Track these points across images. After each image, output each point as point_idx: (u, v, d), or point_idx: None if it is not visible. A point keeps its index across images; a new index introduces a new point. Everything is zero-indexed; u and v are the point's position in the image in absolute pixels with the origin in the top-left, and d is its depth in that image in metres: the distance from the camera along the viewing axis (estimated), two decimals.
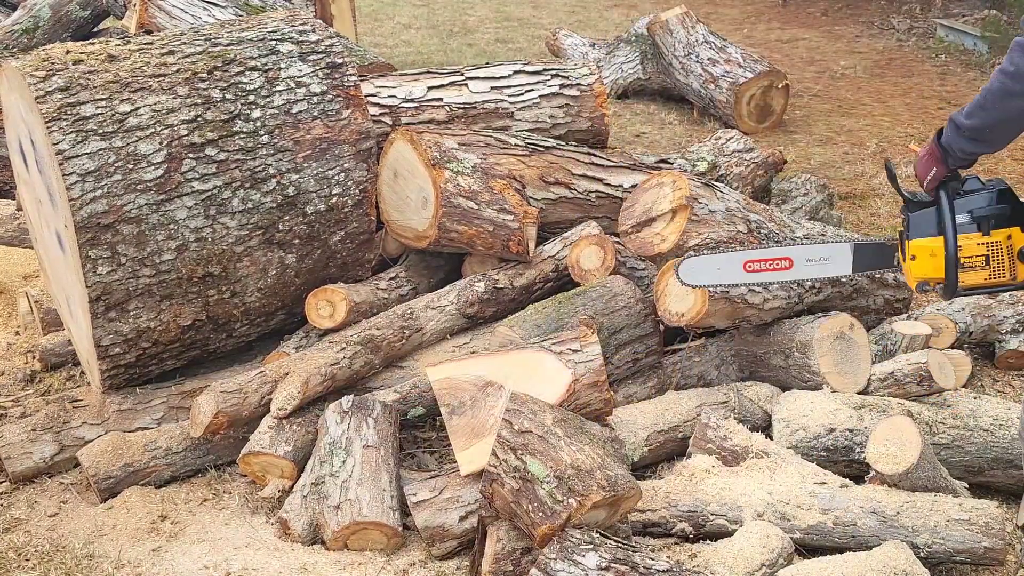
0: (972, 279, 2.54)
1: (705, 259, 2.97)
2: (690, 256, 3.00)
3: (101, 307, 2.92)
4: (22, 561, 2.66)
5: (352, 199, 3.33)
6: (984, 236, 2.50)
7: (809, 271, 2.90)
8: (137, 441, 2.99)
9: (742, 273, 2.93)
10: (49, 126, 2.82)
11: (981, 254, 2.51)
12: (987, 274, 2.53)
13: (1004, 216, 2.48)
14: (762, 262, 2.92)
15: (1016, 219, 2.48)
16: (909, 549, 2.49)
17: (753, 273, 2.93)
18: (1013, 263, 2.50)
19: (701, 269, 2.97)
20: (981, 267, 2.53)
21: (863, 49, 8.93)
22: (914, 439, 2.66)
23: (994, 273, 2.52)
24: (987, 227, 2.49)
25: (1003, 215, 2.48)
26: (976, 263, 2.53)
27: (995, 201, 2.49)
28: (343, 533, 2.65)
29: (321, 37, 3.37)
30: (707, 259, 2.96)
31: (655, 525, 2.71)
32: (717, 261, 2.95)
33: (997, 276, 2.52)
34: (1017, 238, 2.48)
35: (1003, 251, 2.50)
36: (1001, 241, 2.49)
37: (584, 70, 4.28)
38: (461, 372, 2.81)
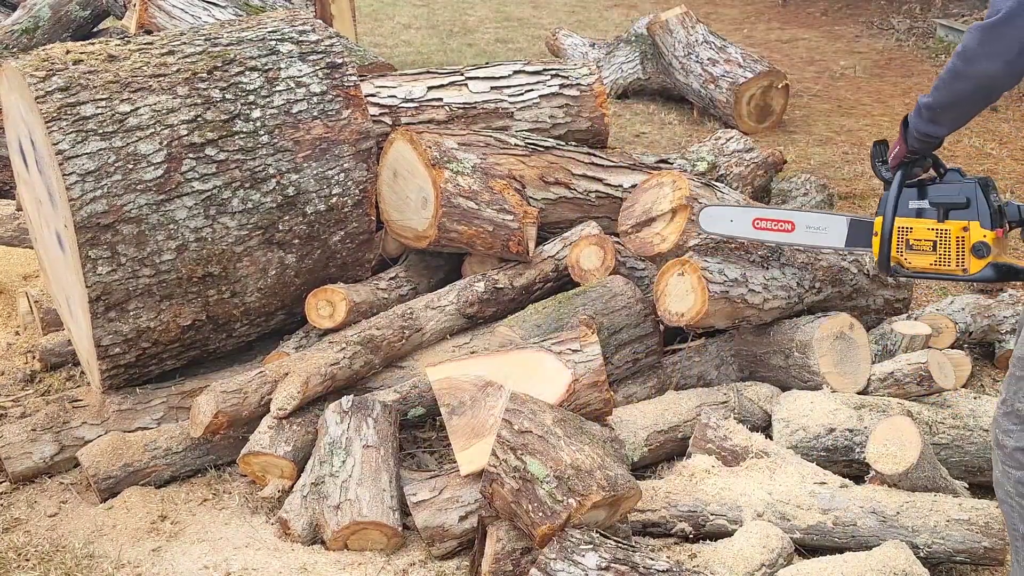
0: (918, 262, 2.57)
1: (722, 209, 3.08)
2: (710, 204, 3.11)
3: (101, 307, 2.92)
4: (22, 561, 2.66)
5: (352, 199, 3.33)
6: (937, 222, 2.52)
7: (807, 238, 2.96)
8: (137, 441, 2.99)
9: (751, 229, 3.02)
10: (49, 126, 2.82)
11: (930, 239, 2.53)
12: (933, 259, 2.55)
13: (962, 207, 2.48)
14: (769, 221, 3.01)
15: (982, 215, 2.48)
16: (909, 549, 2.50)
17: (760, 231, 3.02)
18: (964, 255, 2.51)
19: (717, 218, 3.10)
20: (928, 251, 2.55)
21: (863, 49, 8.93)
22: (914, 439, 2.66)
23: (940, 260, 2.54)
24: (941, 214, 2.51)
25: (962, 206, 2.48)
26: (924, 247, 2.55)
27: (959, 192, 2.50)
28: (343, 533, 2.65)
29: (321, 37, 3.37)
30: (724, 209, 3.07)
31: (655, 525, 2.71)
32: (731, 213, 3.06)
33: (943, 264, 2.53)
34: (975, 232, 2.48)
35: (953, 240, 2.51)
36: (953, 230, 2.50)
37: (584, 70, 4.28)
38: (461, 372, 2.81)
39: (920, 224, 2.55)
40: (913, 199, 2.57)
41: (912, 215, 2.57)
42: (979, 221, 2.48)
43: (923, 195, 2.55)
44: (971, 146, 6.22)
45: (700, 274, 3.08)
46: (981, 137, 6.33)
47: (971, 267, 2.51)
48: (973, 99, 2.17)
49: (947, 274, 2.57)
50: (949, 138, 6.57)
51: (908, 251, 2.59)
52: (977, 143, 6.25)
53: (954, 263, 2.53)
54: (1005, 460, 2.12)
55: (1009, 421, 2.10)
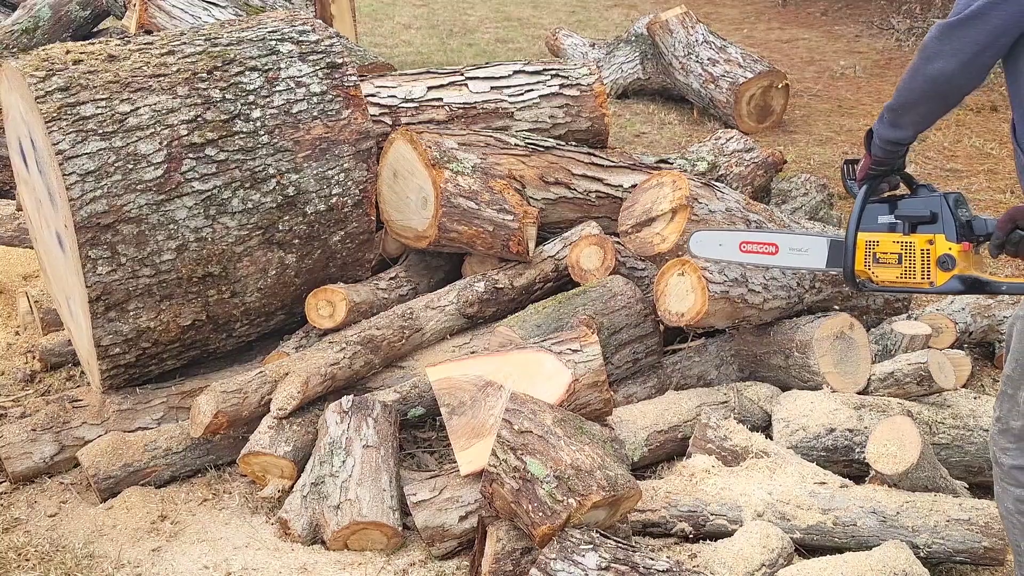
0: (884, 275, 2.58)
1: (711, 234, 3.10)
2: (700, 230, 3.14)
3: (101, 307, 2.92)
4: (22, 561, 2.66)
5: (352, 199, 3.33)
6: (903, 235, 2.53)
7: (791, 260, 2.98)
8: (137, 441, 2.99)
9: (739, 252, 3.03)
10: (49, 126, 2.82)
11: (895, 252, 2.55)
12: (899, 272, 2.56)
13: (928, 221, 2.50)
14: (754, 244, 3.02)
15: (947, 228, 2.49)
16: (909, 549, 2.50)
17: (746, 254, 3.02)
18: (929, 267, 2.52)
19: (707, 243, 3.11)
20: (894, 264, 2.56)
21: (863, 49, 8.93)
22: (914, 439, 2.66)
23: (906, 273, 2.55)
24: (907, 227, 2.52)
25: (928, 220, 2.50)
26: (890, 260, 2.56)
27: (925, 206, 2.51)
28: (343, 533, 2.65)
29: (321, 37, 3.37)
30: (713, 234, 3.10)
31: (655, 525, 2.71)
32: (720, 238, 3.07)
33: (909, 276, 2.55)
34: (940, 245, 2.50)
35: (918, 252, 2.53)
36: (918, 242, 2.52)
37: (584, 70, 4.28)
38: (461, 372, 2.81)
39: (887, 238, 2.57)
40: (883, 214, 2.58)
41: (882, 229, 2.58)
42: (945, 234, 2.49)
43: (893, 209, 2.57)
44: (971, 146, 6.22)
45: (700, 274, 3.08)
46: (981, 137, 6.33)
47: (937, 279, 2.52)
48: (930, 98, 2.13)
49: (913, 287, 2.58)
50: (949, 137, 6.57)
51: (875, 264, 2.60)
52: (977, 143, 6.25)
53: (919, 275, 2.55)
54: (1003, 477, 2.13)
55: (1005, 439, 2.11)
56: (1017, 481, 2.10)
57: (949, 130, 6.48)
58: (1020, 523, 2.12)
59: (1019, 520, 2.12)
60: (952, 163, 5.96)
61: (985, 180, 5.66)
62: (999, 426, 2.13)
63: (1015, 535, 2.15)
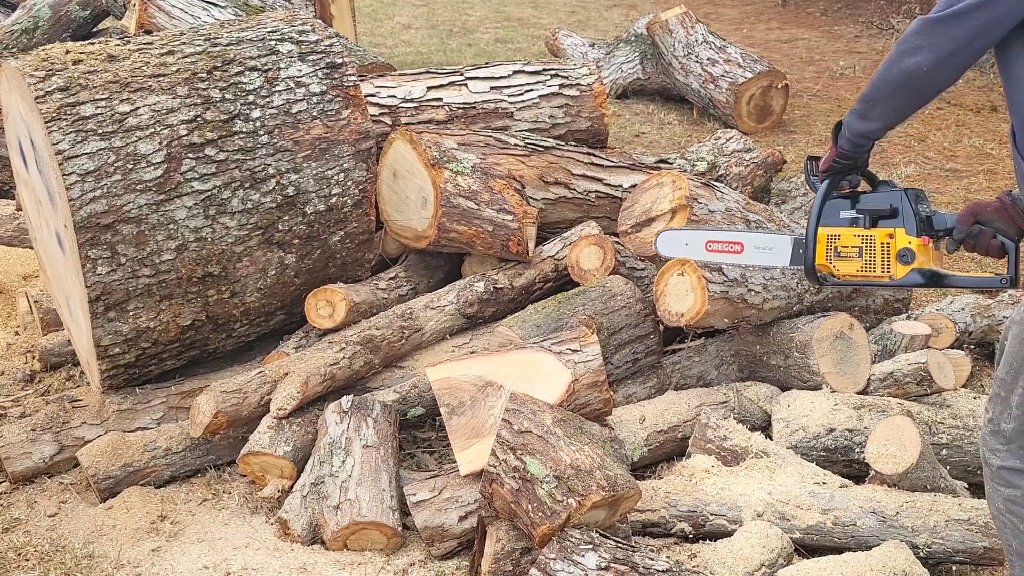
0: (845, 268, 2.60)
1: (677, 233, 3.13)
2: (667, 229, 3.16)
3: (101, 307, 2.92)
4: (22, 561, 2.66)
5: (352, 199, 3.33)
6: (863, 230, 2.55)
7: (756, 258, 3.00)
8: (137, 441, 2.99)
9: (704, 252, 3.05)
10: (49, 126, 2.82)
11: (856, 245, 2.57)
12: (860, 265, 2.58)
13: (889, 215, 2.52)
14: (720, 243, 3.04)
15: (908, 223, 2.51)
16: (909, 549, 2.50)
17: (712, 253, 3.05)
18: (889, 260, 2.54)
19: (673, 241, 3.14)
20: (854, 258, 2.58)
21: (863, 49, 8.93)
22: (914, 439, 2.66)
23: (866, 266, 2.56)
24: (868, 222, 2.54)
25: (888, 214, 2.52)
26: (850, 253, 2.58)
27: (886, 200, 2.53)
28: (343, 533, 2.65)
29: (321, 37, 3.37)
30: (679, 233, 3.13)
31: (655, 525, 2.71)
32: (686, 237, 3.10)
33: (869, 269, 2.56)
34: (900, 239, 2.51)
35: (878, 246, 2.54)
36: (878, 236, 2.53)
37: (584, 70, 4.28)
38: (461, 372, 2.81)
39: (848, 232, 2.58)
40: (845, 209, 2.60)
41: (843, 224, 2.60)
42: (905, 228, 2.51)
43: (854, 204, 2.59)
44: (971, 146, 6.23)
45: (700, 274, 3.08)
46: (981, 137, 6.34)
47: (896, 273, 2.54)
48: (903, 92, 2.12)
49: (874, 280, 2.60)
50: (949, 137, 6.57)
51: (837, 258, 2.62)
52: (977, 143, 6.25)
53: (879, 268, 2.57)
54: (993, 478, 2.14)
55: (996, 441, 2.12)
56: (1006, 482, 2.11)
57: (949, 130, 6.49)
58: (1010, 523, 2.13)
59: (1009, 520, 2.13)
60: (952, 163, 5.96)
61: (985, 180, 5.66)
62: (990, 427, 2.14)
63: (1006, 535, 2.16)
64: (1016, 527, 2.11)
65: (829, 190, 2.57)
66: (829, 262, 2.61)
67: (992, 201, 2.29)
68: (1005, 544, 2.18)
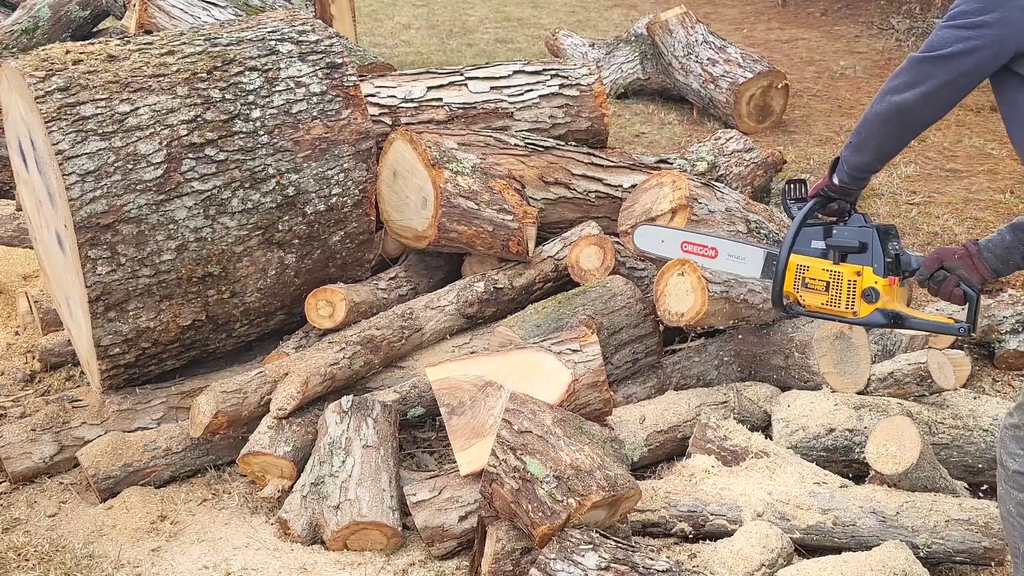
0: (811, 300, 2.65)
1: (656, 229, 3.17)
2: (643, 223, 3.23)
3: (101, 307, 2.92)
4: (22, 561, 2.66)
5: (352, 199, 3.33)
6: (832, 264, 2.59)
7: (729, 265, 3.05)
8: (137, 441, 2.99)
9: (679, 251, 3.11)
10: (49, 126, 2.82)
11: (823, 279, 2.61)
12: (825, 300, 2.63)
13: (858, 252, 2.56)
14: (695, 246, 3.10)
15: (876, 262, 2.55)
16: (909, 549, 2.50)
17: (686, 254, 3.10)
18: (854, 298, 2.58)
19: (650, 236, 3.20)
20: (821, 292, 2.62)
21: (863, 49, 8.93)
22: (914, 439, 2.66)
23: (832, 301, 2.61)
24: (837, 257, 2.58)
25: (857, 250, 2.56)
26: (818, 286, 2.62)
27: (857, 237, 2.57)
28: (343, 533, 2.65)
29: (321, 37, 3.37)
30: (657, 229, 3.17)
31: (655, 525, 2.71)
32: (664, 234, 3.15)
33: (834, 305, 2.61)
34: (867, 277, 2.56)
35: (845, 283, 2.59)
36: (845, 273, 2.58)
37: (584, 70, 4.28)
38: (461, 372, 2.81)
39: (817, 264, 2.62)
40: (817, 239, 2.64)
41: (814, 255, 2.64)
42: (873, 267, 2.55)
43: (827, 236, 2.62)
44: (971, 146, 6.22)
45: (700, 274, 3.08)
46: (982, 137, 6.34)
47: (860, 311, 2.59)
48: (892, 124, 2.20)
49: (837, 315, 2.64)
50: (949, 137, 6.57)
51: (803, 289, 2.65)
52: (978, 143, 6.25)
53: (844, 305, 2.60)
54: (1007, 480, 2.14)
55: (1016, 444, 2.12)
56: (1020, 486, 2.11)
57: (949, 130, 6.49)
58: (1020, 525, 2.13)
59: (1019, 523, 2.13)
60: (952, 163, 5.96)
61: (985, 180, 5.66)
62: (1013, 432, 2.13)
63: (1014, 537, 2.16)
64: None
65: (807, 217, 2.61)
66: (796, 291, 2.66)
67: (958, 248, 2.37)
68: (1012, 546, 2.18)
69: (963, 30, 2.00)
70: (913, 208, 5.25)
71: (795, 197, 2.71)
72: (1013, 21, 1.95)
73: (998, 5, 1.96)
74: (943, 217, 5.11)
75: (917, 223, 5.03)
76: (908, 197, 5.42)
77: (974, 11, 1.98)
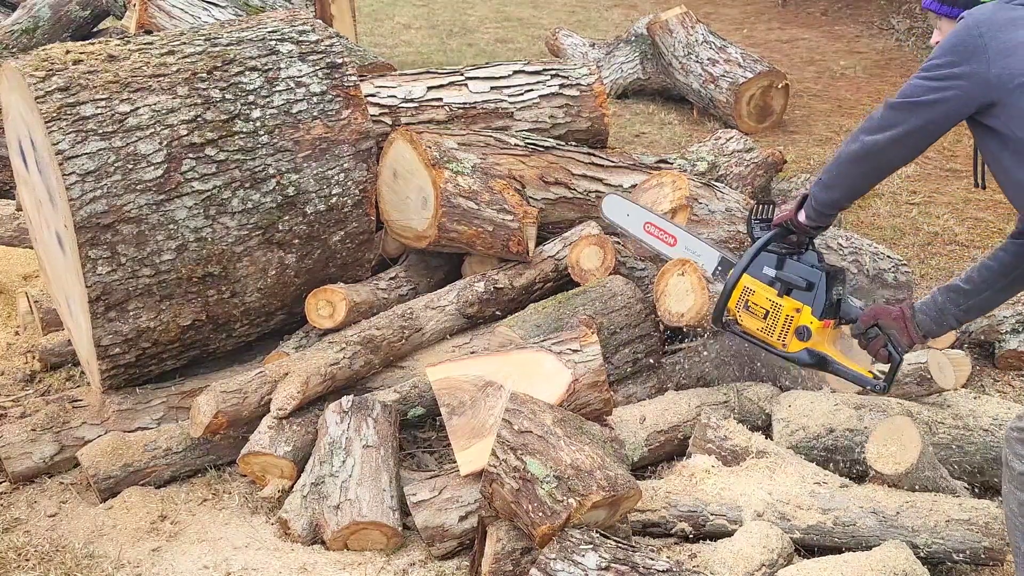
0: (749, 323, 2.75)
1: (625, 203, 3.25)
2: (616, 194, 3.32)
3: (101, 307, 2.92)
4: (22, 561, 2.66)
5: (352, 199, 3.33)
6: (776, 295, 2.67)
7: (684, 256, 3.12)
8: (137, 441, 2.99)
9: (641, 230, 3.20)
10: (49, 126, 2.82)
11: (764, 307, 2.70)
12: (761, 326, 2.72)
13: (802, 290, 2.63)
14: (657, 229, 3.19)
15: (816, 303, 2.63)
16: (909, 549, 2.50)
17: (647, 235, 3.19)
18: (787, 333, 2.67)
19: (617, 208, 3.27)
20: (759, 318, 2.72)
21: (863, 49, 8.93)
22: (914, 439, 2.66)
23: (766, 329, 2.70)
24: (782, 289, 2.66)
25: (802, 288, 2.63)
26: (757, 312, 2.72)
27: (805, 276, 2.64)
28: (343, 533, 2.65)
29: (321, 37, 3.37)
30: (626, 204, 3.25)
31: (655, 525, 2.71)
32: (630, 209, 3.23)
33: (768, 333, 2.71)
34: (804, 316, 2.64)
35: (783, 316, 2.67)
36: (786, 307, 2.66)
37: (584, 70, 4.28)
38: (461, 372, 2.81)
39: (763, 291, 2.70)
40: (770, 267, 2.71)
41: (763, 280, 2.71)
42: (812, 308, 2.64)
43: (779, 266, 2.69)
44: (971, 146, 6.21)
45: (700, 274, 3.08)
46: None
47: (790, 346, 2.69)
48: (862, 164, 2.30)
49: (767, 344, 2.74)
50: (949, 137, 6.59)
51: (744, 311, 2.74)
52: None
53: (777, 335, 2.70)
54: (1012, 481, 2.16)
55: (1022, 447, 2.13)
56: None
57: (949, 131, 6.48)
58: (1022, 526, 2.14)
59: (1021, 523, 2.14)
60: (952, 163, 5.96)
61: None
62: (1019, 435, 2.14)
63: (1016, 537, 2.18)
64: None
65: (766, 244, 2.68)
66: (737, 310, 2.75)
67: (894, 309, 2.53)
68: (1013, 546, 2.20)
69: (935, 81, 2.12)
70: (913, 208, 5.25)
71: (760, 218, 2.79)
72: (979, 73, 2.07)
73: (967, 59, 2.08)
74: (943, 217, 5.11)
75: (917, 223, 5.03)
76: (908, 197, 5.42)
77: (945, 64, 2.10)
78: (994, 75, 2.04)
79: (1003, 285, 2.44)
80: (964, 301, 2.46)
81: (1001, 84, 2.04)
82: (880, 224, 5.05)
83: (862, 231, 4.87)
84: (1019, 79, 2.03)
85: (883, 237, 4.84)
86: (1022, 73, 2.02)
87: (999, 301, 2.49)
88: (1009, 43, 2.03)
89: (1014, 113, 2.05)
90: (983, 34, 2.05)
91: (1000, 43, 2.04)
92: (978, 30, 2.06)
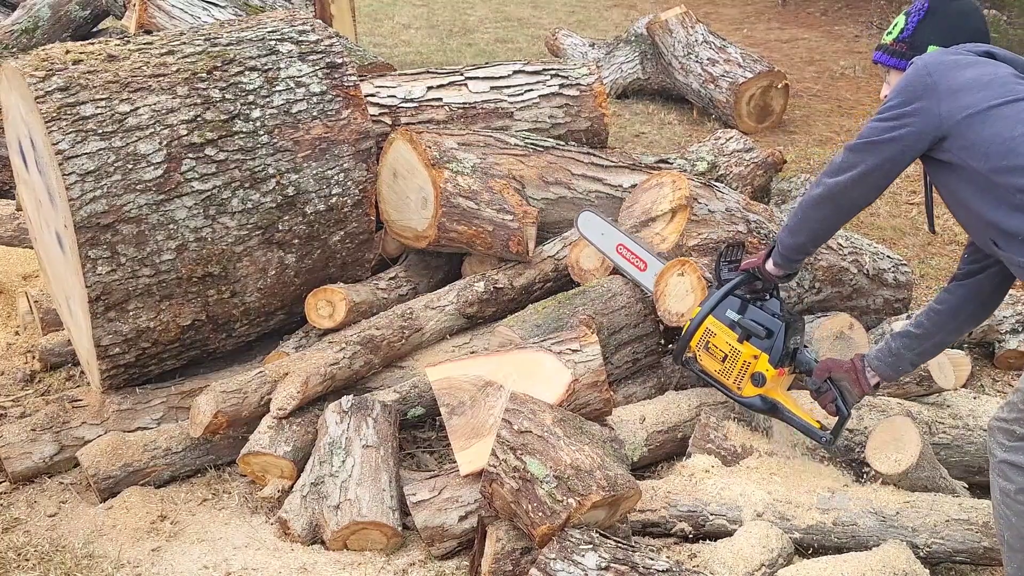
0: (708, 363, 2.82)
1: (600, 222, 3.27)
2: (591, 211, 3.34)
3: (101, 307, 2.92)
4: (22, 561, 2.66)
5: (352, 199, 3.33)
6: (736, 340, 2.74)
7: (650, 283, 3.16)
8: (137, 441, 2.99)
9: (613, 251, 3.23)
10: (49, 126, 2.82)
11: (723, 351, 2.77)
12: (718, 368, 2.79)
13: (761, 337, 2.70)
14: (629, 252, 3.22)
15: (774, 352, 2.69)
16: (909, 549, 2.50)
17: (619, 256, 3.22)
18: (743, 378, 2.74)
19: (592, 225, 3.29)
20: (718, 360, 2.79)
21: (863, 49, 8.93)
22: (914, 439, 2.66)
23: (723, 372, 2.78)
24: (742, 335, 2.73)
25: (761, 336, 2.69)
26: (717, 354, 2.79)
27: (765, 324, 2.70)
28: (343, 533, 2.65)
29: (320, 37, 3.37)
30: (601, 223, 3.27)
31: (655, 525, 2.71)
32: (605, 228, 3.26)
33: (724, 376, 2.78)
34: (761, 363, 2.71)
35: (740, 361, 2.74)
36: (744, 353, 2.73)
37: (583, 70, 4.28)
38: (461, 372, 2.81)
39: (723, 335, 2.76)
40: (733, 310, 2.77)
41: (725, 323, 2.77)
42: (769, 356, 2.70)
43: (742, 311, 2.75)
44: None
45: (700, 274, 3.08)
46: None
47: (744, 391, 2.76)
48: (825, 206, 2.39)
49: (723, 386, 2.81)
50: None
51: (704, 351, 2.81)
52: None
53: (733, 380, 2.76)
54: (994, 468, 2.23)
55: (1004, 436, 2.20)
56: (1004, 475, 2.19)
57: None
58: (1003, 515, 2.21)
59: (1003, 512, 2.21)
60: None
61: None
62: (1002, 424, 2.21)
63: (999, 526, 2.25)
64: (1008, 519, 2.20)
65: (733, 289, 2.75)
66: (698, 349, 2.82)
67: (846, 362, 2.63)
68: (999, 535, 2.27)
69: (889, 121, 2.23)
70: (913, 208, 5.25)
71: (729, 260, 2.84)
72: (930, 109, 2.17)
73: (918, 97, 2.19)
74: (943, 217, 5.09)
75: (917, 223, 5.03)
76: (908, 197, 5.42)
77: (898, 104, 2.22)
78: (944, 110, 2.17)
79: (953, 327, 2.55)
80: (918, 346, 2.57)
81: (951, 117, 2.16)
82: (880, 224, 5.05)
83: (862, 231, 4.88)
84: (966, 111, 2.15)
85: (883, 237, 4.84)
86: (969, 107, 2.14)
87: (951, 341, 2.60)
88: (956, 82, 2.17)
89: (965, 144, 2.16)
90: (932, 73, 2.19)
91: (948, 82, 2.17)
92: (927, 70, 2.20)
